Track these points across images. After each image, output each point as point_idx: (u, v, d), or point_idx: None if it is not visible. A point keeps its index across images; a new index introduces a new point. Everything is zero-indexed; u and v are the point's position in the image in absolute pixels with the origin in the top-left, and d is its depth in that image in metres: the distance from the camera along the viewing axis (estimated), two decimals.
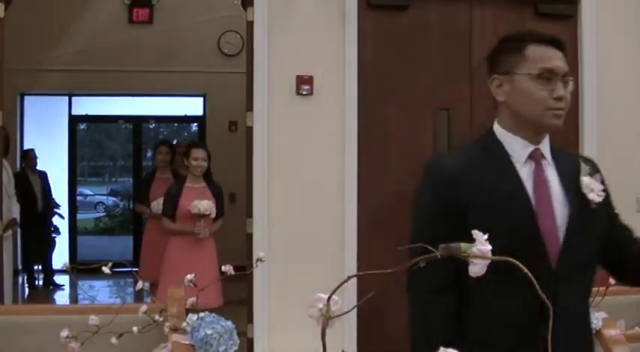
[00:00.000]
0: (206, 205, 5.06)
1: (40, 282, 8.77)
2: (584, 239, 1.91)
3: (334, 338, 2.95)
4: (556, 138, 2.08)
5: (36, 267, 8.86)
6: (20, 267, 9.04)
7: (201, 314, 2.53)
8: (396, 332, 3.52)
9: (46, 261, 8.73)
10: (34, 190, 8.38)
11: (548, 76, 1.88)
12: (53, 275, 8.76)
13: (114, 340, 2.46)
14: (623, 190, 5.11)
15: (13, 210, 5.74)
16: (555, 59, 1.90)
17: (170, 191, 5.27)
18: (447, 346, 1.01)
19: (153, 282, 5.20)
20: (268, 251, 4.52)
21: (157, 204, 5.69)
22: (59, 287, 8.71)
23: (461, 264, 1.21)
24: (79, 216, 10.95)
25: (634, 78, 5.14)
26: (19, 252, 8.84)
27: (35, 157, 8.58)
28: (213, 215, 5.12)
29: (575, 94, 5.10)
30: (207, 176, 5.29)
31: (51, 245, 8.92)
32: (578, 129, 5.08)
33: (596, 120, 5.05)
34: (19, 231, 8.37)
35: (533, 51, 1.90)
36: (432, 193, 1.95)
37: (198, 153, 5.16)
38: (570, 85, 1.93)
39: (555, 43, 1.94)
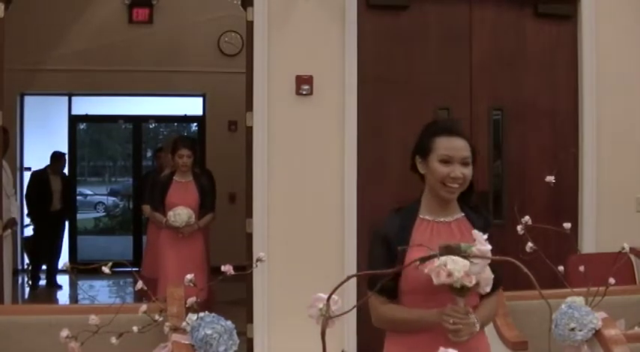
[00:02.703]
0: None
1: (43, 282, 8.75)
2: None
3: (334, 337, 2.94)
4: (556, 138, 2.10)
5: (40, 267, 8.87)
6: (20, 267, 9.04)
7: (201, 314, 2.52)
8: None
9: (55, 260, 8.76)
10: (51, 190, 8.49)
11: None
12: (56, 275, 8.75)
13: (114, 340, 2.46)
14: (623, 190, 5.15)
15: (13, 210, 5.74)
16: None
17: (160, 181, 5.61)
18: None
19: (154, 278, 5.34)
20: (268, 251, 4.52)
21: (174, 215, 5.28)
22: (59, 287, 8.71)
23: None
24: (79, 216, 10.94)
25: (634, 78, 5.14)
26: (19, 250, 8.86)
27: (65, 161, 8.88)
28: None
29: (575, 94, 5.11)
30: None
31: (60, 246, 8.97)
32: (577, 130, 5.08)
33: (595, 120, 5.05)
34: (20, 229, 8.46)
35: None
36: None
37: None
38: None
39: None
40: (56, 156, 8.72)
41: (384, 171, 4.93)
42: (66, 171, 9.25)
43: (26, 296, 8.44)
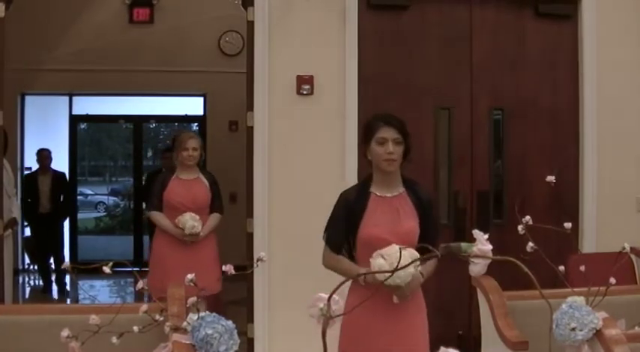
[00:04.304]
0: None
1: (37, 282, 8.67)
2: None
3: (334, 337, 2.94)
4: (556, 138, 2.09)
5: (34, 267, 8.80)
6: (21, 267, 9.03)
7: (202, 314, 2.53)
8: None
9: (46, 261, 8.59)
10: (38, 190, 8.33)
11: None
12: (51, 277, 8.51)
13: (114, 340, 2.46)
14: (623, 190, 5.15)
15: (13, 210, 5.74)
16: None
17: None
18: None
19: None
20: (268, 250, 4.52)
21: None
22: (50, 292, 8.50)
23: None
24: (80, 216, 10.96)
25: (634, 78, 5.14)
26: (19, 250, 8.84)
27: (47, 157, 8.37)
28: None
29: (576, 95, 5.11)
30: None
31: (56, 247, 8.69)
32: (578, 129, 5.08)
33: (596, 120, 5.05)
34: (21, 229, 8.42)
35: None
36: None
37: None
38: None
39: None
40: (38, 154, 8.40)
41: None
42: (66, 171, 9.22)
43: (27, 295, 8.45)
